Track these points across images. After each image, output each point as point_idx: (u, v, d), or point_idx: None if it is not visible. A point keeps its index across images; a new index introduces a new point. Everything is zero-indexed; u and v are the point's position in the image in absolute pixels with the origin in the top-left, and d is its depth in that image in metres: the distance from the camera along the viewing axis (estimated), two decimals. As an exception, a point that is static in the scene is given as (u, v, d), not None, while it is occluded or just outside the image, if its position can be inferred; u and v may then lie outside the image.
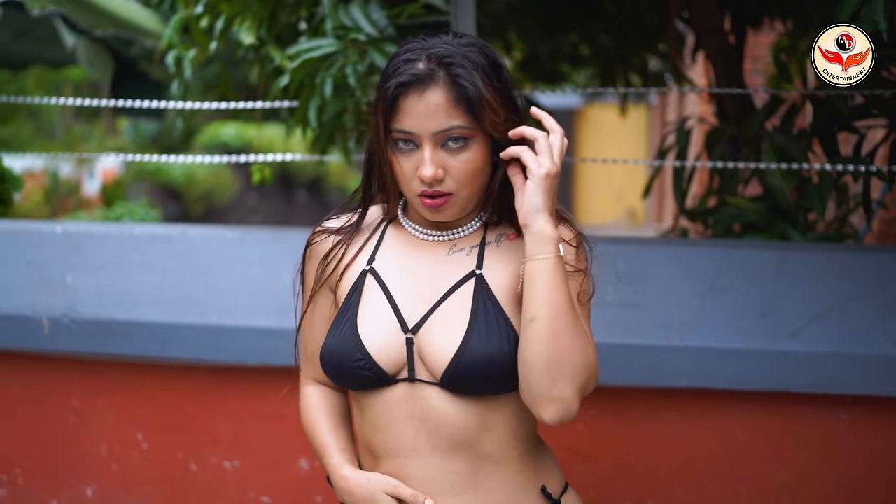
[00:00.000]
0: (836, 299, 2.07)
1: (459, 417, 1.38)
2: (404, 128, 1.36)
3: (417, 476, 1.41)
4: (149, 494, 2.38)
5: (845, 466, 2.11)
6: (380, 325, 1.42)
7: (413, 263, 1.45)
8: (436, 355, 1.38)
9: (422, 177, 1.36)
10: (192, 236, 2.33)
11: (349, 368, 1.41)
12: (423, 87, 1.35)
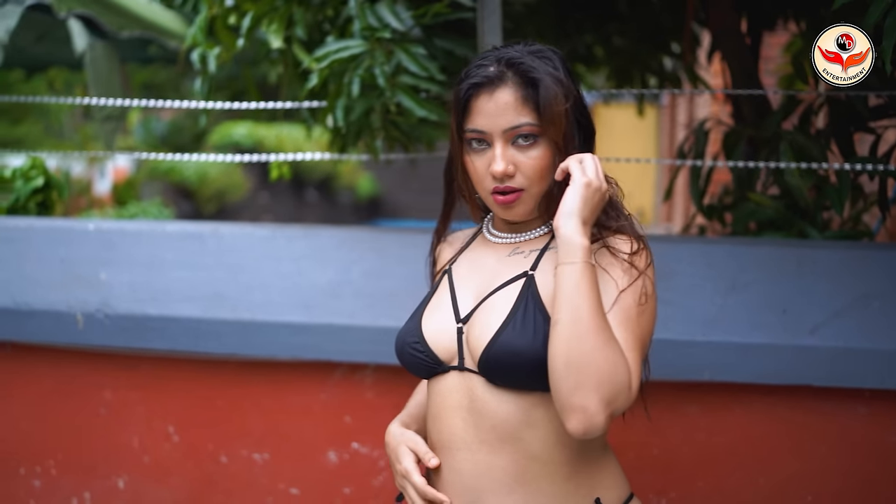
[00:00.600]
0: (855, 296, 2.12)
1: (500, 409, 1.43)
2: (476, 127, 1.44)
3: (467, 471, 1.46)
4: (179, 486, 2.44)
5: (863, 460, 2.15)
6: (439, 314, 1.50)
7: (479, 262, 1.54)
8: (475, 344, 1.44)
9: (493, 173, 1.42)
10: (224, 234, 2.38)
11: (407, 351, 1.50)
12: (494, 87, 1.43)
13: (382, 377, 2.29)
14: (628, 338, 1.38)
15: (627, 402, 1.33)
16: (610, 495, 1.48)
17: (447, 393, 1.48)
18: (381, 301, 2.26)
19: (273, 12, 2.55)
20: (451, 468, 1.48)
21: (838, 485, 2.15)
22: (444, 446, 1.49)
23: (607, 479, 1.50)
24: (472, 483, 1.46)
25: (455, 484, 1.47)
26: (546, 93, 1.41)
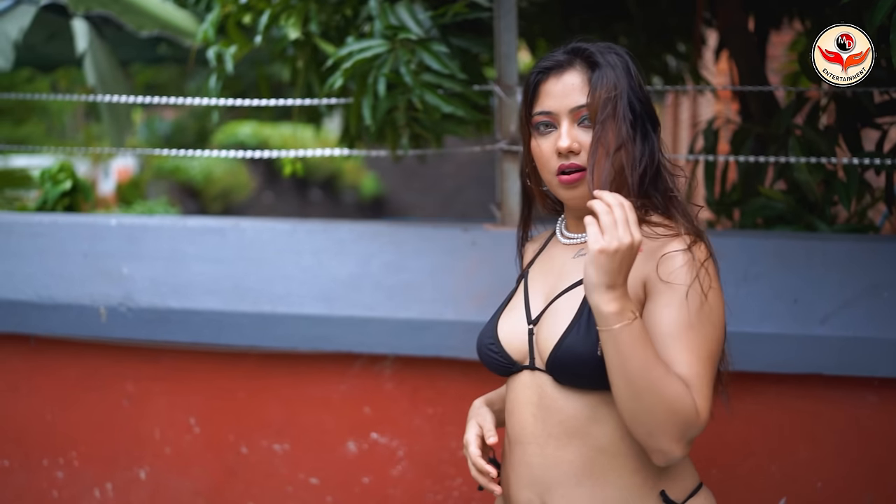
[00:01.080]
0: (864, 286, 2.17)
1: (567, 406, 1.48)
2: (544, 108, 1.51)
3: (537, 464, 1.51)
4: (200, 476, 2.48)
5: (872, 447, 2.20)
6: (513, 317, 1.58)
7: (550, 265, 1.60)
8: (543, 345, 1.50)
9: (559, 148, 1.48)
10: (244, 228, 2.43)
11: (484, 351, 1.58)
12: (562, 70, 1.50)
13: (401, 368, 2.34)
14: (690, 357, 1.40)
15: (698, 428, 1.38)
16: (676, 487, 1.51)
17: (520, 390, 1.55)
18: (399, 293, 2.31)
19: (290, 9, 2.60)
20: (522, 461, 1.54)
21: (848, 471, 2.20)
22: (517, 440, 1.55)
23: (674, 471, 1.52)
24: (541, 475, 1.51)
25: (526, 476, 1.53)
26: (601, 77, 1.46)
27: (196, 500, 2.49)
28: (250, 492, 2.45)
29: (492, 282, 2.29)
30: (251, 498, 2.45)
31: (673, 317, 1.41)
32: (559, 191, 1.53)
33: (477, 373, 2.30)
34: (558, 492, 1.49)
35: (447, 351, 2.26)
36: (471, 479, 2.33)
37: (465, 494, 2.35)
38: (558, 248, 1.62)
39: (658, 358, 1.37)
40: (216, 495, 2.47)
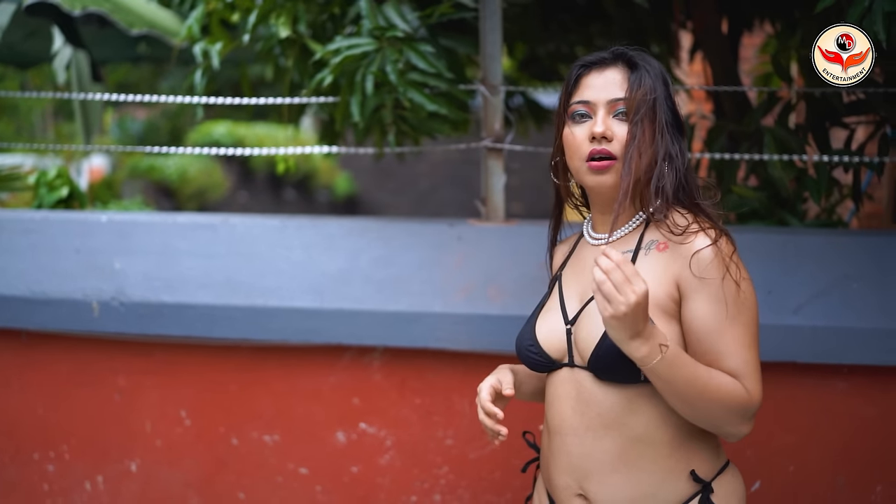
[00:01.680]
0: (835, 278, 2.26)
1: (606, 399, 1.57)
2: (583, 98, 1.58)
3: (576, 453, 1.60)
4: (191, 468, 2.53)
5: (843, 431, 2.29)
6: (550, 318, 1.66)
7: (581, 265, 1.67)
8: (584, 343, 1.58)
9: (594, 133, 1.55)
10: (235, 224, 2.48)
11: (524, 352, 1.68)
12: (604, 66, 1.59)
13: (389, 360, 2.40)
14: (735, 347, 1.52)
15: (756, 406, 1.54)
16: (705, 467, 1.60)
17: (559, 385, 1.63)
18: (388, 287, 2.37)
19: (279, 8, 2.65)
20: (561, 450, 1.62)
21: (820, 455, 2.30)
22: (556, 431, 1.63)
23: (704, 452, 1.60)
24: (579, 463, 1.60)
25: (565, 464, 1.62)
26: (640, 77, 1.56)
27: (187, 492, 2.54)
28: (241, 482, 2.50)
29: (478, 275, 2.37)
30: (242, 488, 2.50)
31: (713, 312, 1.51)
32: (587, 177, 1.59)
33: (463, 363, 2.38)
34: (595, 478, 1.58)
35: (435, 342, 2.33)
36: (457, 469, 2.40)
37: (452, 482, 2.42)
38: (587, 249, 1.69)
39: (699, 367, 1.48)
40: (207, 486, 2.52)
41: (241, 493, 2.50)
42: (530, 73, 4.74)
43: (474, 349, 2.32)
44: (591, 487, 1.59)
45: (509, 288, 2.33)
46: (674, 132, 1.60)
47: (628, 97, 1.56)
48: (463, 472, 2.40)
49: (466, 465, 2.40)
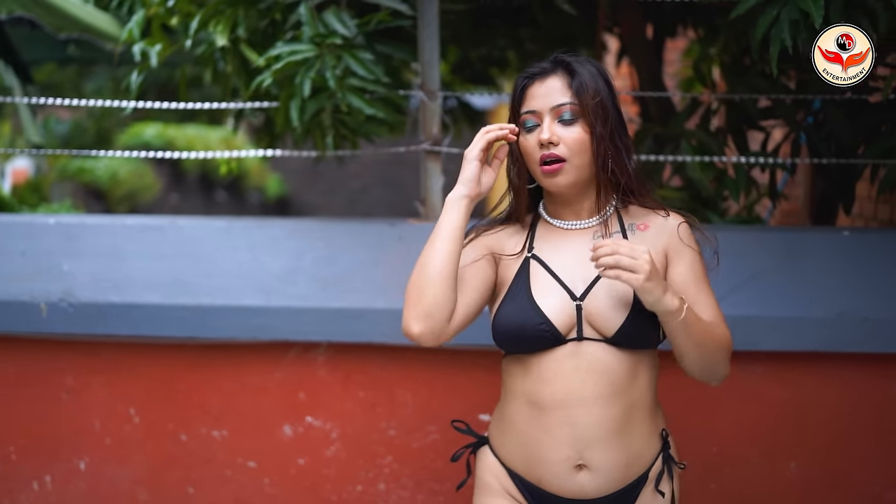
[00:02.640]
0: (752, 271, 2.43)
1: (619, 367, 1.71)
2: (530, 108, 1.72)
3: (583, 423, 1.71)
4: (140, 464, 2.59)
5: (761, 413, 2.47)
6: (553, 297, 1.73)
7: (564, 248, 1.77)
8: (605, 317, 1.70)
9: (540, 140, 1.69)
10: (182, 226, 2.55)
11: (533, 332, 1.72)
12: (545, 75, 1.72)
13: (334, 355, 2.49)
14: (710, 299, 1.79)
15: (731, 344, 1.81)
16: (663, 426, 1.84)
17: (563, 359, 1.71)
18: (331, 285, 2.47)
19: (219, 14, 2.72)
20: (564, 423, 1.71)
21: (740, 436, 2.47)
22: (557, 405, 1.72)
23: (662, 413, 1.85)
24: (584, 434, 1.71)
25: (567, 436, 1.71)
26: (582, 82, 1.70)
27: (136, 489, 2.59)
28: (190, 477, 2.56)
29: (418, 273, 2.47)
30: (191, 483, 2.57)
31: (694, 271, 1.79)
32: (543, 180, 1.73)
33: (405, 358, 2.49)
34: (600, 445, 1.71)
35: (378, 337, 2.43)
36: (400, 458, 2.50)
37: (396, 471, 2.52)
38: (559, 234, 1.78)
39: (701, 317, 1.71)
40: (156, 482, 2.58)
41: (190, 487, 2.56)
42: (463, 77, 4.87)
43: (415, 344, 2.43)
44: (594, 455, 1.71)
45: (449, 284, 2.44)
46: (623, 128, 1.75)
47: (573, 101, 1.69)
48: (406, 461, 2.51)
49: (409, 454, 2.51)
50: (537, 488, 1.77)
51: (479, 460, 1.88)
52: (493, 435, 1.85)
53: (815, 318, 2.40)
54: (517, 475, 1.79)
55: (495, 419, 1.86)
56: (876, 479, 2.47)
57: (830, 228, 3.00)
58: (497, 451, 1.83)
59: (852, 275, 2.45)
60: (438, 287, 1.70)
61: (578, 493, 1.73)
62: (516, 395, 1.78)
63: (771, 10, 2.13)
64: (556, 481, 1.74)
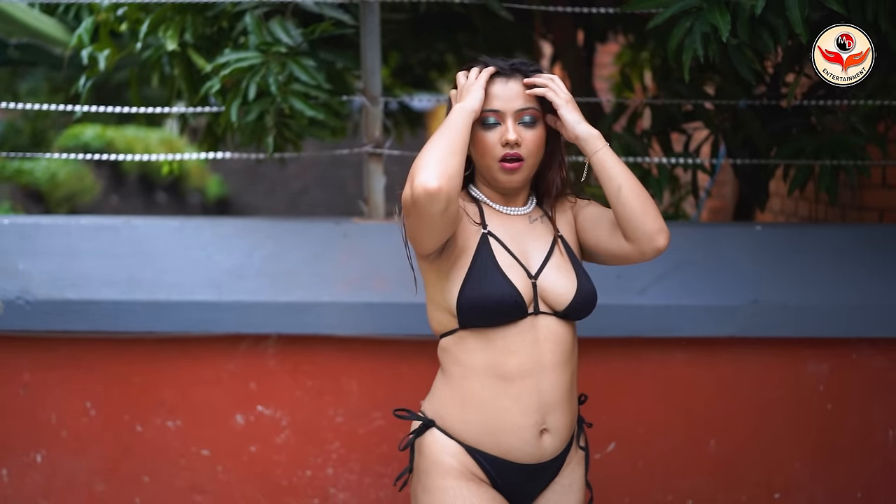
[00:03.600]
0: (674, 263, 2.62)
1: (567, 338, 1.90)
2: (493, 107, 1.84)
3: (547, 390, 1.87)
4: (97, 455, 2.68)
5: (682, 396, 2.66)
6: (515, 272, 1.87)
7: (513, 230, 1.92)
8: (557, 293, 1.88)
9: (508, 140, 1.83)
10: (136, 225, 2.65)
11: (510, 304, 1.84)
12: (508, 77, 1.86)
13: (283, 347, 2.62)
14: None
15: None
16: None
17: (526, 332, 1.86)
18: (280, 280, 2.60)
19: (168, 20, 2.83)
20: (531, 390, 1.85)
21: (664, 417, 2.66)
22: (528, 374, 1.85)
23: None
24: (547, 399, 1.87)
25: (535, 402, 1.85)
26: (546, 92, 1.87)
27: (93, 479, 2.69)
28: (145, 467, 2.67)
29: (362, 268, 2.62)
30: (146, 472, 2.67)
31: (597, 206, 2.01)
32: (499, 175, 1.86)
33: (350, 348, 2.64)
34: (558, 409, 1.88)
35: (325, 329, 2.57)
36: (348, 444, 2.64)
37: (343, 456, 2.66)
38: (503, 218, 1.92)
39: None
40: (112, 473, 2.68)
41: (145, 476, 2.67)
42: (403, 81, 5.02)
43: (360, 334, 2.58)
44: (553, 419, 1.87)
45: (390, 279, 2.59)
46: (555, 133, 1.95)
47: (535, 107, 1.86)
48: (353, 446, 2.65)
49: (356, 440, 2.65)
50: (500, 459, 1.87)
51: (427, 444, 1.91)
52: (445, 415, 1.90)
53: (732, 306, 2.61)
54: (477, 450, 1.87)
55: (445, 400, 1.91)
56: (788, 452, 2.69)
57: (745, 223, 3.23)
58: (451, 431, 1.89)
59: (766, 265, 2.66)
60: (460, 157, 1.76)
61: (539, 456, 1.88)
62: (477, 370, 1.86)
63: (684, 21, 2.32)
64: (526, 447, 1.86)
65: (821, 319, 2.64)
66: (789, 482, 2.70)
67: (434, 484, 1.88)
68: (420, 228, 1.79)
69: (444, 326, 1.92)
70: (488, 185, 1.94)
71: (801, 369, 2.68)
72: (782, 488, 2.70)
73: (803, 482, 2.70)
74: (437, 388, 1.95)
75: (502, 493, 1.90)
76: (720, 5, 2.20)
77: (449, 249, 1.87)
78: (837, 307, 2.64)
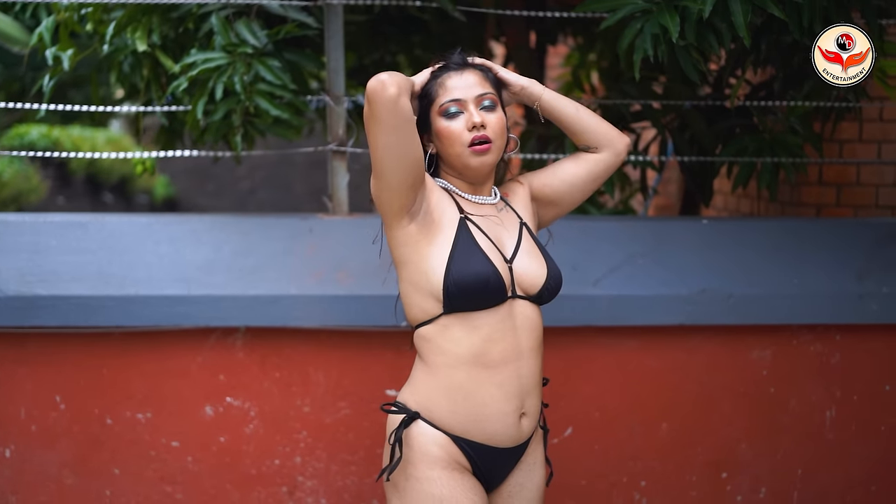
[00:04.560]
0: (625, 256, 2.76)
1: (538, 322, 2.00)
2: (454, 97, 1.93)
3: (525, 375, 1.96)
4: (66, 449, 2.72)
5: (635, 382, 2.80)
6: (496, 256, 1.94)
7: (485, 218, 1.99)
8: (531, 277, 1.97)
9: (473, 122, 1.91)
10: (105, 222, 2.70)
11: (496, 286, 1.91)
12: (461, 70, 1.96)
13: (251, 339, 2.70)
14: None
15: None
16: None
17: (506, 318, 1.93)
18: (249, 274, 2.67)
19: (135, 22, 2.89)
20: (513, 376, 1.94)
21: (618, 402, 2.79)
22: (510, 360, 1.93)
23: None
24: (525, 384, 1.96)
25: (516, 387, 1.94)
26: (493, 77, 2.00)
27: (62, 471, 2.73)
28: (115, 459, 2.72)
29: (328, 262, 2.71)
30: (116, 464, 2.72)
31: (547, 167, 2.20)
32: (471, 159, 1.94)
33: (317, 339, 2.72)
34: (532, 394, 1.98)
35: (293, 321, 2.66)
36: (315, 433, 2.72)
37: (311, 445, 2.74)
38: (475, 207, 2.00)
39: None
40: (82, 465, 2.72)
41: (115, 468, 2.72)
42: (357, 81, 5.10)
43: (326, 326, 2.67)
44: (530, 402, 1.98)
45: (355, 272, 2.68)
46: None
47: (492, 92, 1.96)
48: (320, 435, 2.74)
49: (323, 429, 2.74)
50: (484, 446, 1.94)
51: (414, 436, 1.94)
52: (431, 407, 1.93)
53: (681, 296, 2.75)
54: (463, 439, 1.93)
55: (429, 391, 1.94)
56: (734, 434, 2.84)
57: (692, 218, 3.38)
58: (437, 422, 1.93)
59: (711, 257, 2.81)
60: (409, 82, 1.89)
61: (517, 439, 1.97)
62: (462, 360, 1.91)
63: (635, 23, 2.45)
64: (508, 431, 1.95)
65: (763, 308, 2.80)
66: (735, 462, 2.85)
67: (421, 474, 1.91)
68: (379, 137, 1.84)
69: (425, 313, 1.93)
70: (458, 175, 2.01)
71: (746, 355, 2.83)
72: (729, 468, 2.85)
73: (748, 461, 2.86)
74: (419, 379, 1.98)
75: (480, 479, 1.98)
76: (670, 8, 2.33)
77: (425, 219, 1.92)
78: (778, 296, 2.80)
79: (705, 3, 2.26)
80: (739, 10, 2.28)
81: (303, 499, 2.75)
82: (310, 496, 2.75)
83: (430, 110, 1.97)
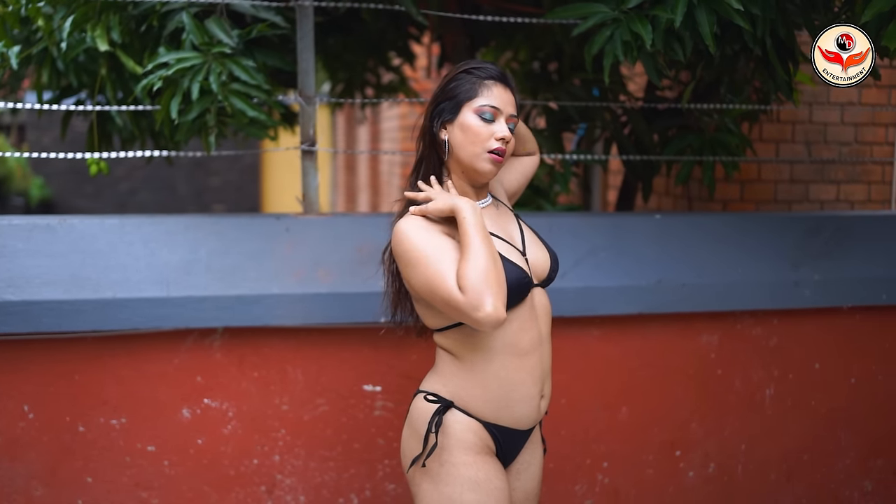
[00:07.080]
0: (587, 249, 2.90)
1: (549, 305, 2.13)
2: (494, 104, 2.01)
3: (545, 359, 2.09)
4: (35, 459, 2.65)
5: (597, 370, 2.95)
6: (514, 254, 2.06)
7: (490, 219, 2.09)
8: (541, 263, 2.10)
9: (503, 135, 2.00)
10: (74, 224, 2.64)
11: (527, 283, 2.03)
12: (507, 85, 2.04)
13: (229, 339, 2.70)
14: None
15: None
16: None
17: (529, 307, 2.05)
18: (227, 275, 2.67)
19: (93, 20, 2.83)
20: (539, 362, 2.06)
21: (582, 389, 2.93)
22: (535, 348, 2.05)
23: None
24: (545, 367, 2.09)
25: (539, 372, 2.06)
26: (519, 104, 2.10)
27: (31, 483, 2.65)
28: (88, 467, 2.67)
29: (307, 260, 2.74)
30: (89, 473, 2.67)
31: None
32: (484, 164, 2.02)
33: (295, 337, 2.75)
34: (548, 376, 2.11)
35: (273, 320, 2.67)
36: (293, 430, 2.75)
37: (289, 443, 2.77)
38: (482, 210, 2.09)
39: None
40: (52, 476, 2.66)
41: (88, 477, 2.67)
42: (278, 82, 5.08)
43: (309, 324, 2.70)
44: (547, 384, 2.11)
45: (335, 270, 2.72)
46: None
47: (516, 115, 2.07)
48: (298, 432, 2.76)
49: (301, 426, 2.77)
50: (508, 429, 2.06)
51: (450, 424, 2.03)
52: (466, 397, 2.03)
53: (639, 286, 2.91)
54: (492, 425, 2.04)
55: (465, 385, 2.03)
56: (686, 414, 3.03)
57: (647, 213, 3.56)
58: (472, 410, 2.03)
59: (666, 249, 2.99)
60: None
61: (536, 420, 2.11)
62: (496, 350, 2.00)
63: (605, 30, 2.58)
64: (532, 413, 2.08)
65: (711, 296, 3.00)
66: (687, 440, 3.05)
67: (457, 459, 2.01)
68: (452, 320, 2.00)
69: (454, 320, 2.01)
70: (463, 177, 2.09)
71: (697, 340, 3.03)
72: (682, 446, 3.04)
73: (699, 439, 3.06)
74: (450, 371, 2.06)
75: (500, 459, 2.10)
76: (640, 17, 2.48)
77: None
78: (724, 285, 3.00)
79: (676, 13, 2.41)
80: (706, 21, 2.45)
81: (282, 497, 2.77)
82: (288, 494, 2.77)
83: (463, 102, 2.02)
